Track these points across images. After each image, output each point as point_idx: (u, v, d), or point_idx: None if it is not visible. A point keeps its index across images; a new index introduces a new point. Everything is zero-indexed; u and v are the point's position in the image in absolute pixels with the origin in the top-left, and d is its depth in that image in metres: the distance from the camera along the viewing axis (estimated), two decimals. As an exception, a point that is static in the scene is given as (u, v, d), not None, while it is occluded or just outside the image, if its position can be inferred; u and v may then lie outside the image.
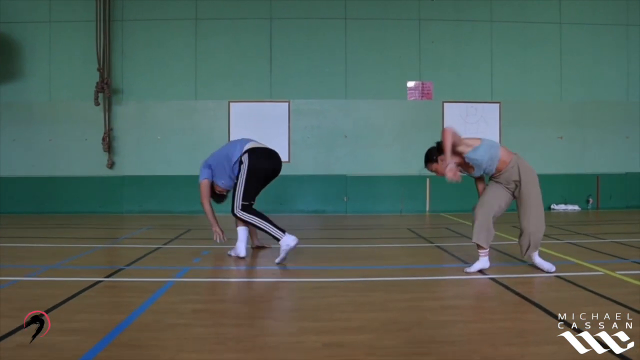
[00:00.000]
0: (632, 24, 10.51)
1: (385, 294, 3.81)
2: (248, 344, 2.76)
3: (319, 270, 4.65)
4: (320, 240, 6.48)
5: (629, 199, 10.55)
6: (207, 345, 2.73)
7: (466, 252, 5.35)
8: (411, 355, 2.57)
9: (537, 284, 4.14)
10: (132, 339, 2.79)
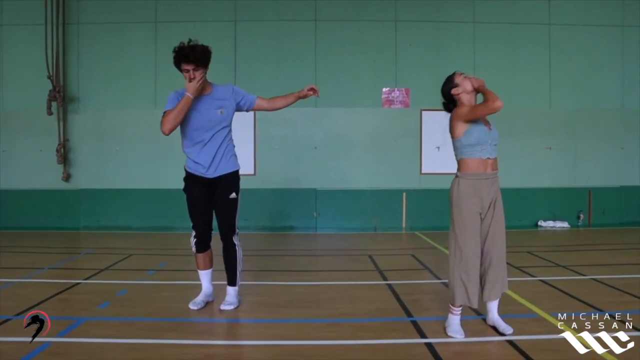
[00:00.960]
0: (629, 25, 9.71)
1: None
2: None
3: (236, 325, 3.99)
4: (264, 276, 5.80)
5: (623, 215, 9.78)
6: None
7: (417, 297, 4.66)
8: None
9: (471, 356, 3.41)
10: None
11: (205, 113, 4.14)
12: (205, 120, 4.12)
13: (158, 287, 5.22)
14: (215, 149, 4.14)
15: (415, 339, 3.64)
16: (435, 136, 9.46)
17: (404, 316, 4.17)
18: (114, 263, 6.35)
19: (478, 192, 3.57)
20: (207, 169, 4.16)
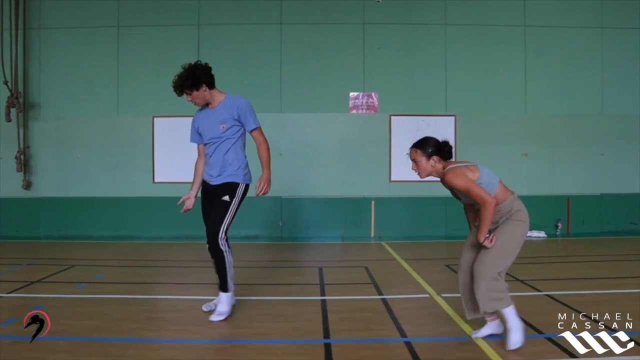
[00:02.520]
0: (608, 27, 9.35)
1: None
2: None
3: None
4: (193, 289, 5.50)
5: (604, 224, 9.38)
6: None
7: (346, 316, 4.32)
8: None
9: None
10: None
11: (210, 127, 4.33)
12: (209, 133, 4.32)
13: (78, 302, 4.92)
14: (219, 160, 4.29)
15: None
16: (405, 142, 9.12)
17: (319, 337, 3.84)
18: (50, 275, 6.08)
19: None
20: (212, 177, 4.32)
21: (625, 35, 9.35)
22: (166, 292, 5.49)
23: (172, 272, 6.62)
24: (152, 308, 4.82)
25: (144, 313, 4.56)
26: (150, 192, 9.15)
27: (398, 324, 4.09)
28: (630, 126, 9.40)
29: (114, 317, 4.40)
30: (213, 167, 4.30)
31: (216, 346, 3.72)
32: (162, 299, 5.20)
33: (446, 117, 9.16)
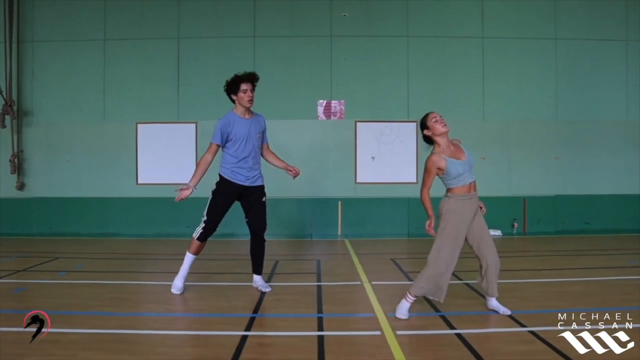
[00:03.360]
0: (561, 38, 9.97)
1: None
2: None
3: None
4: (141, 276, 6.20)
5: (558, 224, 9.97)
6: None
7: (280, 295, 5.00)
8: None
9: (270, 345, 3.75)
10: None
11: (252, 134, 5.18)
12: (251, 140, 5.12)
13: (55, 286, 5.64)
14: (257, 165, 5.17)
15: (238, 331, 3.98)
16: (370, 147, 9.83)
17: (248, 312, 4.51)
18: (35, 265, 6.80)
19: (463, 210, 4.25)
20: (251, 179, 5.08)
21: (577, 46, 9.97)
22: (134, 279, 6.19)
23: (145, 264, 7.31)
24: (117, 291, 5.50)
25: (109, 294, 5.27)
26: (134, 193, 9.86)
27: (320, 304, 4.77)
28: (583, 131, 10.00)
29: (83, 297, 5.12)
30: (253, 170, 5.08)
31: (161, 318, 4.40)
32: (129, 284, 5.89)
33: (408, 123, 9.82)
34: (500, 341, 3.79)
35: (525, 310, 4.43)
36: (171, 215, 9.78)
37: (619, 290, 5.20)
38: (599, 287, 5.44)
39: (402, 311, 4.25)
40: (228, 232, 9.65)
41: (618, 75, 10.01)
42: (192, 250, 5.15)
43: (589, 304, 4.55)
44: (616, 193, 9.96)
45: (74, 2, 9.93)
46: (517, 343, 3.70)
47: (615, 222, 9.91)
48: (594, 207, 9.96)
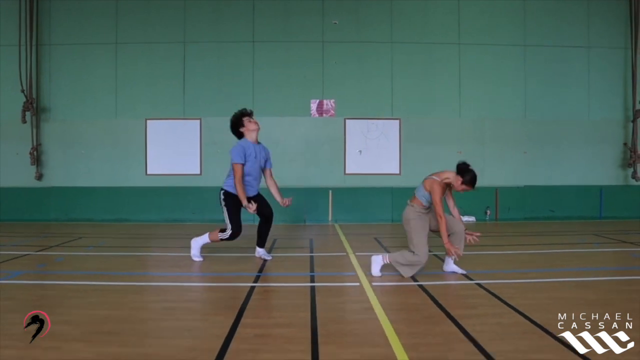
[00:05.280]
0: (530, 45, 11.08)
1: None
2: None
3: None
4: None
5: (526, 211, 11.10)
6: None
7: (280, 262, 6.06)
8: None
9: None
10: None
11: (262, 158, 6.21)
12: (259, 162, 6.17)
13: (86, 257, 6.65)
14: (259, 179, 6.28)
15: (244, 283, 5.03)
16: (358, 141, 10.89)
17: (254, 272, 5.56)
18: (63, 242, 7.79)
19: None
20: (256, 189, 6.21)
21: (545, 51, 11.09)
22: (154, 251, 7.21)
23: (160, 241, 8.31)
24: (143, 259, 6.53)
25: (137, 261, 6.33)
26: (143, 183, 10.85)
27: (312, 267, 5.82)
28: (549, 130, 11.13)
29: (108, 263, 6.18)
30: (257, 183, 6.18)
31: (184, 276, 5.44)
32: (151, 255, 6.91)
33: (392, 120, 10.89)
34: (451, 289, 4.88)
35: (477, 271, 5.52)
36: (177, 203, 10.80)
37: (560, 257, 6.31)
38: (546, 256, 6.55)
39: (376, 269, 5.19)
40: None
41: (581, 79, 11.14)
42: (212, 239, 6.12)
43: (531, 267, 5.68)
44: (578, 184, 11.09)
45: (88, 8, 10.90)
46: (465, 289, 4.79)
47: (578, 210, 11.07)
48: (558, 197, 11.10)
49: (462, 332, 3.54)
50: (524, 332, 3.56)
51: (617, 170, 11.24)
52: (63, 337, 3.45)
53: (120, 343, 3.38)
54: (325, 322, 3.79)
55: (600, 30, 11.19)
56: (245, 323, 3.77)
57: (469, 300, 4.45)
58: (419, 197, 5.22)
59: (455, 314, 3.92)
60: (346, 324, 3.91)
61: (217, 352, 3.17)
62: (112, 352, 3.17)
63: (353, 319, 4.03)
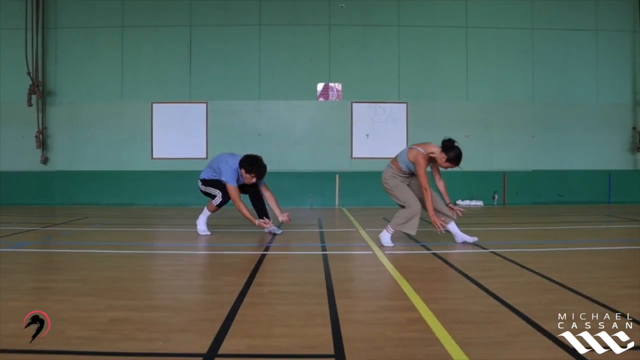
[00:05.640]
0: (537, 28, 10.98)
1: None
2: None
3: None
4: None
5: (534, 196, 11.00)
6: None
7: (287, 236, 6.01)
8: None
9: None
10: None
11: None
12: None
13: (93, 232, 6.59)
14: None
15: (259, 252, 4.96)
16: (365, 125, 10.82)
17: (264, 243, 5.50)
18: (69, 221, 7.75)
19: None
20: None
21: (553, 35, 11.00)
22: (162, 228, 7.16)
23: (166, 221, 8.24)
24: (151, 235, 6.49)
25: (146, 236, 6.28)
26: (148, 167, 10.79)
27: (323, 241, 5.75)
28: (557, 113, 11.03)
29: (113, 238, 6.12)
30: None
31: (198, 246, 5.38)
32: (160, 231, 6.87)
33: (399, 104, 10.81)
34: (466, 256, 4.81)
35: (490, 242, 5.44)
36: (182, 187, 10.72)
37: (572, 232, 6.24)
38: (558, 231, 6.47)
39: (386, 239, 5.11)
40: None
41: (589, 62, 11.04)
42: (210, 209, 6.14)
43: (544, 239, 5.60)
44: (587, 169, 11.00)
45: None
46: (480, 256, 4.72)
47: (586, 195, 10.97)
48: (566, 181, 11.00)
49: (481, 288, 3.47)
50: (545, 289, 3.49)
51: (625, 154, 11.13)
52: (73, 292, 3.40)
53: (131, 297, 3.33)
54: (340, 281, 3.72)
55: (608, 13, 11.07)
56: (259, 282, 3.71)
57: (485, 264, 4.38)
58: (400, 161, 5.18)
59: (472, 275, 3.85)
60: (362, 282, 3.85)
61: (232, 305, 3.10)
62: (122, 305, 3.11)
63: (368, 279, 3.97)
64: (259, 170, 5.88)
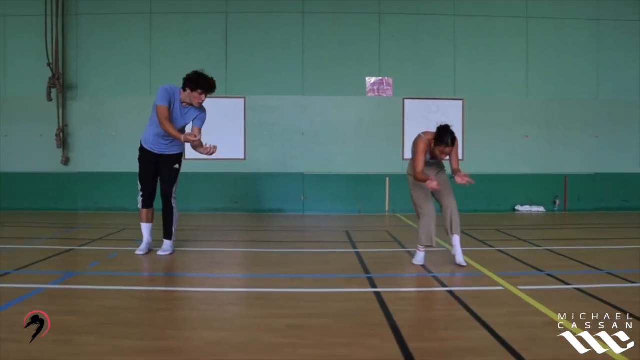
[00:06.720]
0: (603, 19, 10.11)
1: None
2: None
3: (216, 279, 4.46)
4: (239, 244, 6.29)
5: (597, 201, 10.19)
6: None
7: (379, 261, 5.14)
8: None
9: (410, 300, 3.87)
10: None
11: (176, 121, 5.39)
12: (175, 124, 5.35)
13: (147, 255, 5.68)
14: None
15: (366, 288, 4.10)
16: (418, 123, 9.89)
17: (362, 273, 4.63)
18: (107, 235, 6.84)
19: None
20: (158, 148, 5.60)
21: (619, 26, 10.13)
22: (216, 246, 6.27)
23: (215, 234, 7.35)
24: (212, 255, 5.59)
25: (193, 257, 5.35)
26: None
27: (427, 268, 4.88)
28: (623, 111, 10.20)
29: (181, 260, 5.21)
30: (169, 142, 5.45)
31: (278, 279, 4.49)
32: (215, 251, 5.98)
33: (455, 100, 9.93)
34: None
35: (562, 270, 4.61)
36: (218, 191, 9.86)
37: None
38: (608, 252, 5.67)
39: (419, 259, 4.91)
40: (276, 207, 9.78)
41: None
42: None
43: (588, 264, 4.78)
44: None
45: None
46: None
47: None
48: (632, 186, 10.20)
49: None
50: None
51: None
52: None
53: None
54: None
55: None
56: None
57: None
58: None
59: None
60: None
61: None
62: None
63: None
64: (205, 82, 5.25)
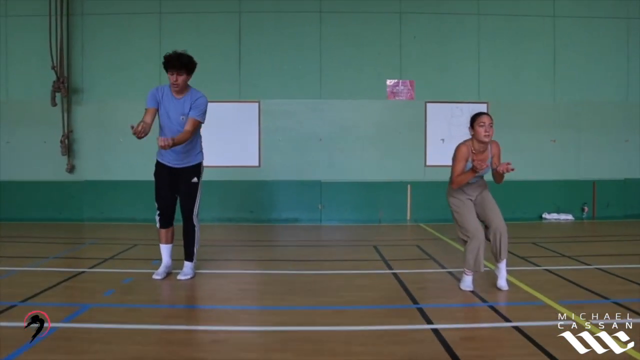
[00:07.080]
0: (633, 17, 9.66)
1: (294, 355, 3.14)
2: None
3: (236, 311, 4.01)
4: (267, 265, 5.84)
5: (627, 208, 9.76)
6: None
7: (423, 285, 4.68)
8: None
9: (476, 340, 3.41)
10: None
11: (173, 117, 4.84)
12: (172, 123, 4.83)
13: (171, 282, 5.22)
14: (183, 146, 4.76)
15: (422, 324, 3.65)
16: (440, 128, 9.48)
17: (410, 303, 4.19)
18: (118, 253, 6.38)
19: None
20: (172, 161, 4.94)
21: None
22: (238, 268, 5.82)
23: (234, 250, 6.91)
24: (239, 279, 5.13)
25: (216, 282, 4.90)
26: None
27: (478, 294, 4.43)
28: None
29: (202, 289, 4.74)
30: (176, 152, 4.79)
31: (318, 312, 4.04)
32: (239, 273, 5.53)
33: (479, 104, 9.43)
34: None
35: None
36: (232, 200, 9.41)
37: None
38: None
39: (467, 284, 4.49)
40: (292, 216, 9.32)
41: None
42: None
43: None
44: (686, 178, 9.77)
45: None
46: None
47: (684, 207, 9.74)
48: (663, 192, 9.77)
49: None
50: None
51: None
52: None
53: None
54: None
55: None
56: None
57: None
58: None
59: None
60: None
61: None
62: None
63: None
64: (166, 61, 4.83)
